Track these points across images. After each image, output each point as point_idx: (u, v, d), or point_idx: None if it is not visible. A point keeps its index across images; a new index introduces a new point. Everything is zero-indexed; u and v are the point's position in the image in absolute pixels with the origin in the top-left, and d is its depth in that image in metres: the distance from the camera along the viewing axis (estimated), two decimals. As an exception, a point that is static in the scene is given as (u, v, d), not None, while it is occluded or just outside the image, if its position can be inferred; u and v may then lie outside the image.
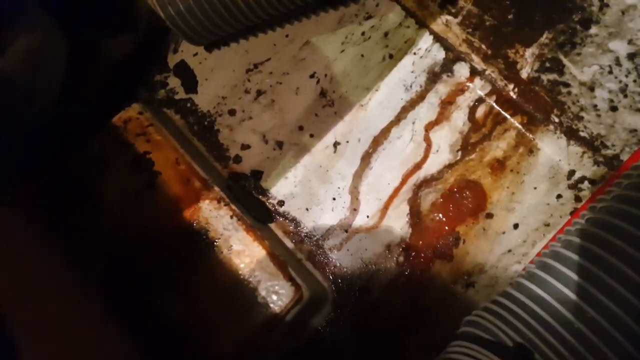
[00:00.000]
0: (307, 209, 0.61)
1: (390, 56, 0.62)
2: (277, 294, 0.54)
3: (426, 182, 0.59)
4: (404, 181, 0.60)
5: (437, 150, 0.60)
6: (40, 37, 0.48)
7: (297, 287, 0.54)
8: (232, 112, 0.65)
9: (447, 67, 0.60)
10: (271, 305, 0.53)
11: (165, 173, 0.58)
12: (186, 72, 0.67)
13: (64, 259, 0.54)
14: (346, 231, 0.60)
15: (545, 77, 0.57)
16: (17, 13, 0.44)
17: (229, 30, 0.62)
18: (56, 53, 0.51)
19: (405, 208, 0.59)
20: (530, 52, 0.58)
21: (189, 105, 0.66)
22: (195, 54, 0.67)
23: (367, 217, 0.60)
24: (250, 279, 0.54)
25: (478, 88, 0.59)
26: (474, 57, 0.59)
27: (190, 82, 0.67)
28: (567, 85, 0.56)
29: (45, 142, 0.60)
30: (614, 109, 0.54)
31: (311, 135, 0.63)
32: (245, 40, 0.66)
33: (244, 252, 0.55)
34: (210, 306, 0.55)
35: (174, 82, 0.67)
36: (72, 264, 0.55)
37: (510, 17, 0.59)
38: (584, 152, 0.54)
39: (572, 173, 0.55)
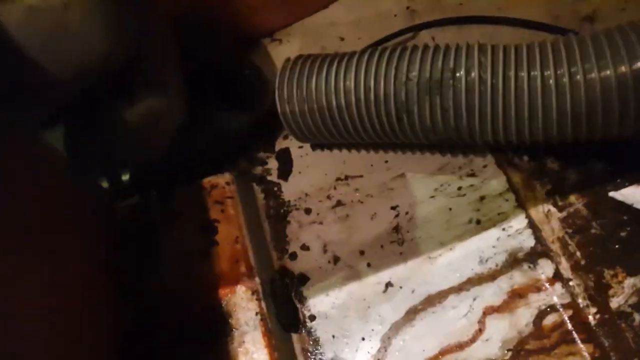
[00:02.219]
0: (333, 336, 0.59)
1: (478, 222, 0.59)
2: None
3: (462, 368, 0.54)
4: (440, 355, 0.55)
5: (487, 340, 0.54)
6: (165, 101, 0.54)
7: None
8: (307, 211, 0.66)
9: (531, 258, 0.55)
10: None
11: (222, 246, 0.61)
12: (286, 160, 0.70)
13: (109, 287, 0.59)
14: (360, 377, 0.56)
15: (638, 317, 0.49)
16: (149, 77, 0.52)
17: (333, 141, 0.64)
18: (175, 117, 0.57)
19: (429, 384, 0.54)
20: (630, 282, 0.50)
21: (275, 189, 0.69)
22: (301, 147, 0.71)
23: (388, 373, 0.56)
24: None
25: (556, 294, 0.53)
26: (564, 261, 0.53)
27: (286, 169, 0.70)
28: (661, 337, 0.47)
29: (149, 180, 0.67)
30: None
31: (368, 265, 0.61)
32: (348, 152, 0.68)
33: (251, 354, 0.54)
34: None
35: (272, 164, 0.71)
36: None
37: (622, 234, 0.53)
38: None
39: None
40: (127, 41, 0.50)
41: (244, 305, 0.57)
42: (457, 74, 0.53)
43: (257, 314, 0.56)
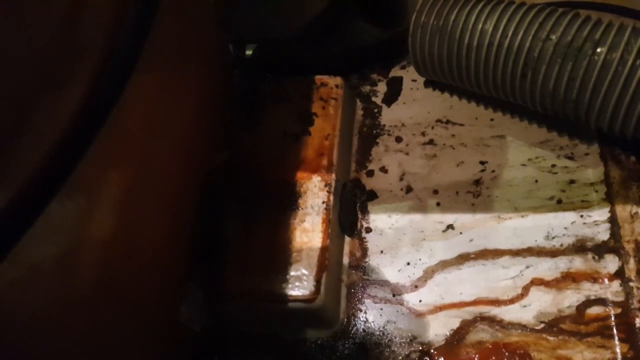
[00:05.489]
0: (381, 251, 0.62)
1: (559, 201, 0.59)
2: (297, 282, 0.56)
3: (490, 321, 0.55)
4: (474, 303, 0.57)
5: (525, 306, 0.55)
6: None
7: (316, 291, 0.56)
8: (398, 139, 0.69)
9: (599, 250, 0.55)
10: (284, 285, 0.56)
11: (313, 137, 0.65)
12: (396, 87, 0.73)
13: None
14: (393, 295, 0.60)
15: (686, 338, 0.48)
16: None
17: (450, 81, 0.66)
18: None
19: (455, 324, 0.56)
20: (693, 304, 0.49)
21: (375, 111, 0.72)
22: (414, 80, 0.73)
23: (420, 301, 0.58)
24: (292, 255, 0.58)
25: (611, 291, 0.53)
26: (632, 262, 0.53)
27: (392, 96, 0.73)
28: (703, 363, 0.47)
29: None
30: None
31: (438, 204, 0.63)
32: (458, 99, 0.69)
33: (307, 232, 0.59)
34: (256, 248, 0.60)
35: (381, 87, 0.74)
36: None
37: None
38: None
39: None
40: None
41: (315, 192, 0.61)
42: (599, 49, 0.52)
43: (323, 202, 0.60)
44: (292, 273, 0.58)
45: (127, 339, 0.48)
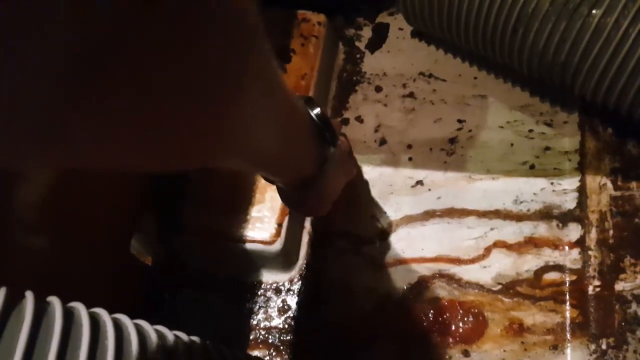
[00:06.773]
0: (347, 203, 0.61)
1: (532, 166, 0.58)
2: (258, 224, 0.55)
3: (449, 279, 0.55)
4: (435, 260, 0.57)
5: (485, 267, 0.55)
6: None
7: (276, 234, 0.54)
8: (378, 89, 0.66)
9: (564, 218, 0.55)
10: (244, 225, 0.55)
11: (288, 76, 0.62)
12: (381, 34, 0.70)
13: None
14: (355, 246, 0.59)
15: (635, 308, 0.49)
16: None
17: (437, 33, 0.63)
18: None
19: (413, 278, 0.56)
20: (646, 278, 0.50)
21: (358, 56, 0.69)
22: (401, 29, 0.69)
23: (381, 253, 0.58)
24: (255, 196, 0.56)
25: (569, 258, 0.53)
26: (594, 232, 0.53)
27: (376, 43, 0.69)
28: (648, 334, 0.48)
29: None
30: (666, 396, 0.45)
31: (410, 159, 0.62)
32: (443, 53, 0.67)
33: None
34: (217, 185, 0.58)
35: (366, 32, 0.70)
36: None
37: (663, 236, 0.51)
38: (596, 397, 0.46)
39: (568, 402, 0.47)
40: None
41: (286, 133, 0.59)
42: (594, 11, 0.50)
43: (294, 145, 0.58)
44: (253, 214, 0.56)
45: (77, 266, 0.46)
